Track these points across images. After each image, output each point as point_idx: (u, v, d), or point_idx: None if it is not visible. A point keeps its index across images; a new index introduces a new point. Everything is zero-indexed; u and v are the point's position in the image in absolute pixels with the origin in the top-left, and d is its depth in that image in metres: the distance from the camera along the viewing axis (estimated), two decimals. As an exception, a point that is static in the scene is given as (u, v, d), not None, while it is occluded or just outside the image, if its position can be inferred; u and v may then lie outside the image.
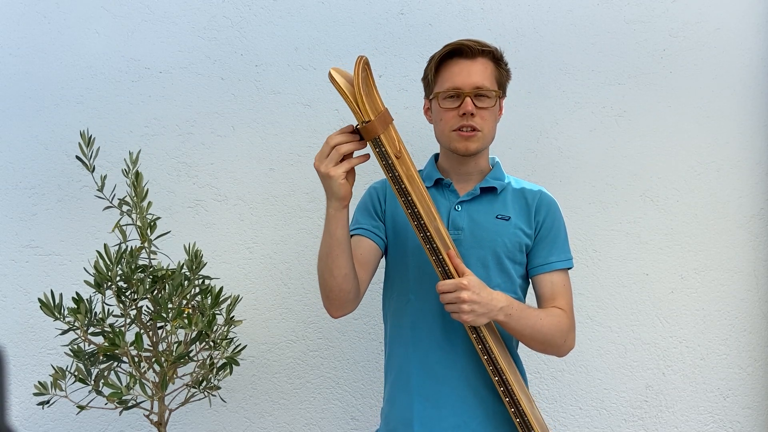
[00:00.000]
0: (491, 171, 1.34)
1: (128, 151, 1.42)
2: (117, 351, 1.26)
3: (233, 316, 1.43)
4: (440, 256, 1.15)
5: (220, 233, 1.77)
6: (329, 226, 1.15)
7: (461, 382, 1.25)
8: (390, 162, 1.13)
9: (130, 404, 1.32)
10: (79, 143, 1.37)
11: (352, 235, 1.32)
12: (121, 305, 1.32)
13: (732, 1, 1.82)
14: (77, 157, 1.38)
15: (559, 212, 1.33)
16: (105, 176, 1.42)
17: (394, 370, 1.32)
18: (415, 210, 1.15)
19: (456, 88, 1.24)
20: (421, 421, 1.25)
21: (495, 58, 1.27)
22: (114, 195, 1.41)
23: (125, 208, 1.39)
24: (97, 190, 1.40)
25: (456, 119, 1.24)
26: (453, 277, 1.15)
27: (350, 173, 1.14)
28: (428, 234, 1.15)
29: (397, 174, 1.14)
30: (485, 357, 1.18)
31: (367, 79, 1.13)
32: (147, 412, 1.37)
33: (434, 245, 1.15)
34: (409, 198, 1.14)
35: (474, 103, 1.22)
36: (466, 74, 1.24)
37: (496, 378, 1.19)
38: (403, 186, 1.14)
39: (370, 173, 1.82)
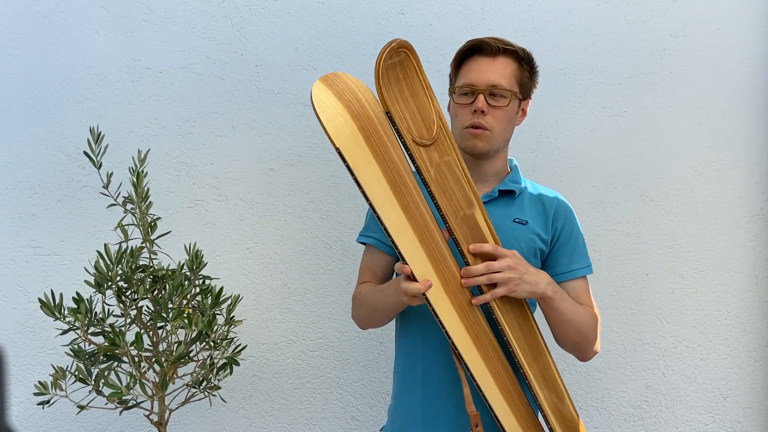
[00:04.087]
0: (510, 174, 1.33)
1: (137, 149, 1.42)
2: (117, 351, 1.26)
3: (233, 316, 1.43)
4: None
5: (220, 233, 1.77)
6: (392, 305, 1.20)
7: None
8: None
9: (130, 404, 1.32)
10: (88, 139, 1.38)
11: (364, 243, 1.37)
12: (121, 305, 1.32)
13: (732, 1, 1.83)
14: (85, 153, 1.38)
15: (576, 219, 1.33)
16: (111, 173, 1.42)
17: (401, 368, 1.32)
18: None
19: (471, 85, 1.22)
20: (425, 419, 1.25)
21: (519, 58, 1.25)
22: (119, 193, 1.42)
23: (129, 206, 1.39)
24: (103, 186, 1.40)
25: (468, 116, 1.23)
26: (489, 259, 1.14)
27: None
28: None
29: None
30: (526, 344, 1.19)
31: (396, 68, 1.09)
32: (147, 412, 1.37)
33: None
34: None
35: (487, 101, 1.21)
36: (483, 71, 1.22)
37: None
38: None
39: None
